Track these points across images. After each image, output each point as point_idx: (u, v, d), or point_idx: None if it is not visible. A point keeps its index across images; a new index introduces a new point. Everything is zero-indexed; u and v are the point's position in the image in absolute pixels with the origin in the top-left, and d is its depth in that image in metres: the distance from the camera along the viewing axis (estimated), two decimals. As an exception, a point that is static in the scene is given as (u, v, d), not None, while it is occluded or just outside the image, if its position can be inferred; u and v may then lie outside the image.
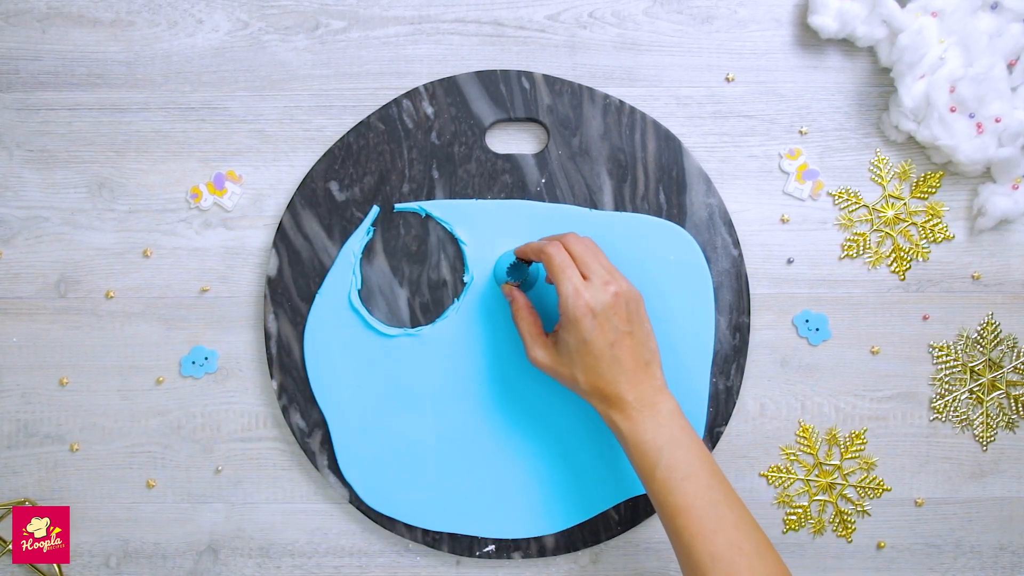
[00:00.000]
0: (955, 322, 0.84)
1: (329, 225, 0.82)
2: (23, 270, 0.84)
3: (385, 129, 0.82)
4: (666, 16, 0.84)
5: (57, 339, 0.84)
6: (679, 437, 0.69)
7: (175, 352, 0.84)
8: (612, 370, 0.70)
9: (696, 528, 0.66)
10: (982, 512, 0.84)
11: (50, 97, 0.84)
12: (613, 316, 0.70)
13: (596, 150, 0.82)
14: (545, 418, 0.81)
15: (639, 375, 0.71)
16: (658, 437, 0.69)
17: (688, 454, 0.69)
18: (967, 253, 0.84)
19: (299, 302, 0.82)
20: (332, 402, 0.81)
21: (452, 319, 0.81)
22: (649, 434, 0.69)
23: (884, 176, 0.84)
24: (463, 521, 0.81)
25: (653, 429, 0.69)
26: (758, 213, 0.84)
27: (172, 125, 0.84)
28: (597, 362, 0.70)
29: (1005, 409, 0.84)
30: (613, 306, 0.70)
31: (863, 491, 0.84)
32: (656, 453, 0.69)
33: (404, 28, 0.84)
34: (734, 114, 0.84)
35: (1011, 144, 0.80)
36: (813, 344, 0.84)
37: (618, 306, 0.71)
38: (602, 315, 0.70)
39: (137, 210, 0.84)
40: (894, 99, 0.82)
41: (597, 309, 0.70)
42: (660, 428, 0.69)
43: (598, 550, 0.84)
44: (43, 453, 0.84)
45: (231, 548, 0.84)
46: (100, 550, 0.84)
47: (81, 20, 0.84)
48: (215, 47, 0.84)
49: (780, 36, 0.84)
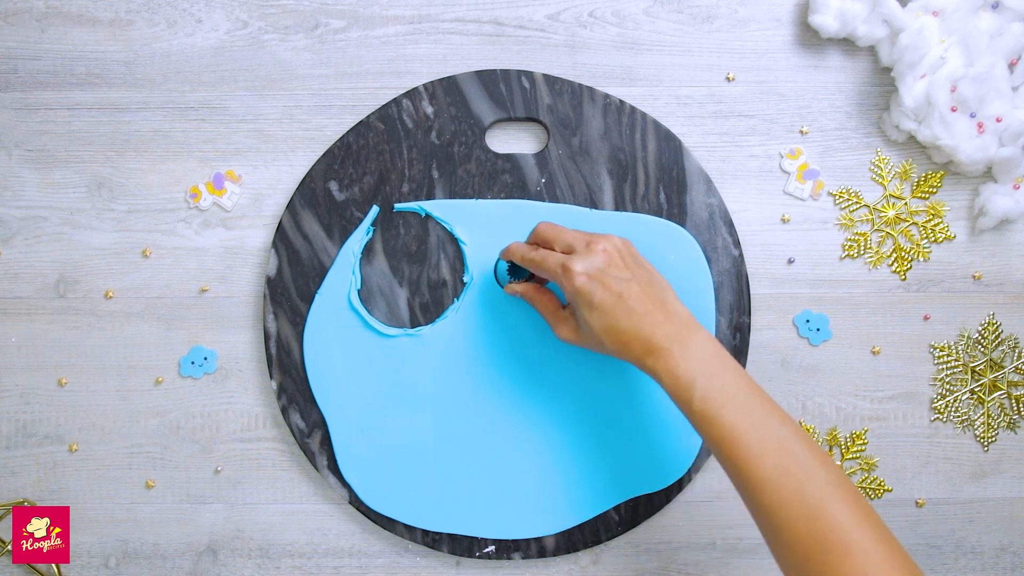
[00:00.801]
0: (956, 322, 0.84)
1: (329, 225, 0.81)
2: (22, 270, 0.84)
3: (385, 129, 0.82)
4: (666, 16, 0.84)
5: (56, 339, 0.83)
6: (712, 365, 0.67)
7: (174, 352, 0.83)
8: (630, 320, 0.69)
9: (742, 454, 0.64)
10: (983, 513, 0.84)
11: (49, 97, 0.84)
12: (610, 269, 0.69)
13: (596, 150, 0.82)
14: (545, 418, 0.81)
15: (657, 314, 0.69)
16: (690, 369, 0.67)
17: (723, 381, 0.67)
18: (968, 253, 0.84)
19: (299, 302, 0.81)
20: (331, 402, 0.81)
21: (452, 319, 0.81)
22: (681, 368, 0.67)
23: (885, 176, 0.84)
24: (463, 522, 0.81)
25: (684, 363, 0.67)
26: (759, 213, 0.84)
27: (171, 125, 0.84)
28: (614, 320, 0.69)
29: (1006, 409, 0.84)
30: (606, 261, 0.70)
31: (864, 491, 0.83)
32: (690, 385, 0.67)
33: (404, 27, 0.84)
34: (734, 114, 0.84)
35: (1012, 144, 0.80)
36: (814, 344, 0.84)
37: (611, 259, 0.70)
38: (597, 274, 0.69)
39: (136, 210, 0.84)
40: (895, 99, 0.82)
41: (591, 271, 0.69)
42: (691, 361, 0.67)
43: (598, 551, 0.83)
44: (42, 453, 0.84)
45: (230, 549, 0.83)
46: (99, 551, 0.84)
47: (80, 19, 0.84)
48: (214, 46, 0.84)
49: (780, 35, 0.84)
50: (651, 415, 0.81)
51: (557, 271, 0.70)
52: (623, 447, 0.81)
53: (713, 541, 0.84)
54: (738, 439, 0.65)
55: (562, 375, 0.81)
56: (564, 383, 0.81)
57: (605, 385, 0.81)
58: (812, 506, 0.62)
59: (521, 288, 0.77)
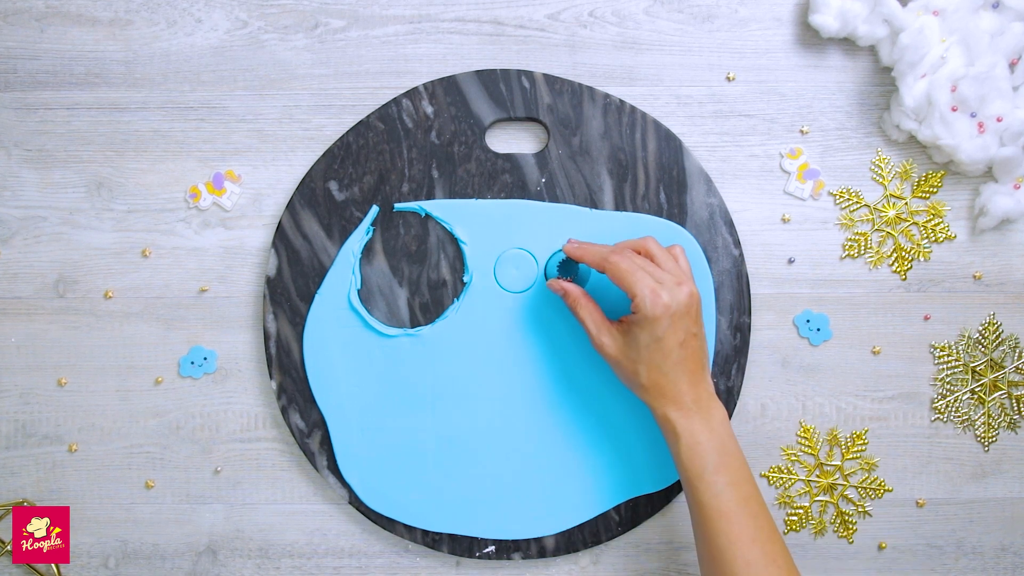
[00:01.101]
0: (957, 322, 0.84)
1: (328, 225, 0.81)
2: (21, 270, 0.83)
3: (385, 128, 0.82)
4: (667, 15, 0.84)
5: (55, 339, 0.83)
6: (728, 444, 0.71)
7: (174, 352, 0.83)
8: (677, 369, 0.71)
9: (736, 534, 0.69)
10: (984, 513, 0.84)
11: (48, 96, 0.83)
12: (686, 316, 0.71)
13: (596, 149, 0.81)
14: (545, 418, 0.81)
15: (698, 376, 0.72)
16: (711, 440, 0.71)
17: (736, 462, 0.71)
18: (969, 253, 0.84)
19: (298, 302, 0.81)
20: (331, 402, 0.81)
21: (452, 319, 0.81)
22: (703, 436, 0.71)
23: (885, 176, 0.84)
24: (463, 522, 0.81)
25: (707, 432, 0.71)
26: (759, 213, 0.84)
27: (171, 124, 0.83)
28: (664, 360, 0.71)
29: (1007, 409, 0.84)
30: (687, 307, 0.71)
31: (864, 492, 0.83)
32: (707, 456, 0.70)
33: (404, 27, 0.84)
34: (735, 113, 0.84)
35: (1013, 143, 0.80)
36: (814, 344, 0.83)
37: (692, 307, 0.72)
38: (676, 315, 0.71)
39: (136, 210, 0.83)
40: (895, 98, 0.82)
41: (673, 308, 0.71)
42: (713, 432, 0.71)
43: (599, 551, 0.83)
44: (41, 454, 0.83)
45: (230, 549, 0.83)
46: (99, 551, 0.83)
47: (79, 19, 0.84)
48: (214, 46, 0.83)
49: (781, 35, 0.84)
50: (651, 415, 0.81)
51: (644, 290, 0.70)
52: (623, 447, 0.81)
53: (713, 541, 0.83)
54: (737, 518, 0.70)
55: (562, 375, 0.81)
56: (564, 383, 0.81)
57: (605, 385, 0.81)
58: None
59: (571, 289, 0.76)
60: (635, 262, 0.72)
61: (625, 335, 0.73)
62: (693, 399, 0.72)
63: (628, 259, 0.72)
